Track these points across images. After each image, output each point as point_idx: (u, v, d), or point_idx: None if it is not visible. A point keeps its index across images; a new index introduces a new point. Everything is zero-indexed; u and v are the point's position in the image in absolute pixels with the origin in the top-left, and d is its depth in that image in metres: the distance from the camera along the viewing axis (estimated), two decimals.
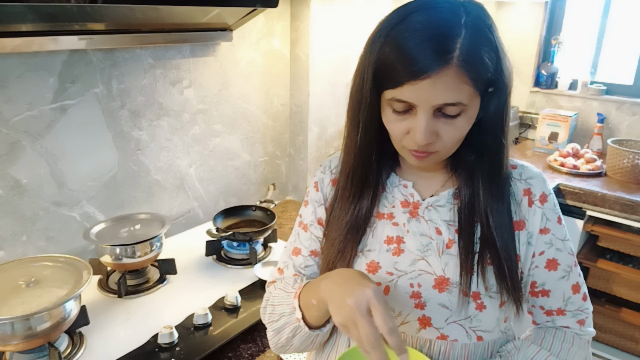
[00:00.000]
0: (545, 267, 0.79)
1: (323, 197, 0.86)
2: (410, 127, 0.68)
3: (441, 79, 0.62)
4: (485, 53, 0.64)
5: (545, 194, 0.78)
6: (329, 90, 1.94)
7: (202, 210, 1.73)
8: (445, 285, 0.75)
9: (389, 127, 0.71)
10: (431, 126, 0.66)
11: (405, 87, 0.64)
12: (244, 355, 1.07)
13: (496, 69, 0.66)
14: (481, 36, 0.64)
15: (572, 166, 2.24)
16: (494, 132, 0.72)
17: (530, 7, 2.72)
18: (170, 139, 1.56)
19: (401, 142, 0.71)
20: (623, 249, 2.06)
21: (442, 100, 0.64)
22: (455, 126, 0.67)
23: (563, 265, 0.79)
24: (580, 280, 0.81)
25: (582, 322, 0.81)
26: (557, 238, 0.78)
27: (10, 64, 1.15)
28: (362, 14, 1.94)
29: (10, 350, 0.98)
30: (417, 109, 0.66)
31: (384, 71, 0.66)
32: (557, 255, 0.78)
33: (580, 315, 0.81)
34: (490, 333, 0.77)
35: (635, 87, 2.54)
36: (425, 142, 0.67)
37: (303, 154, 1.96)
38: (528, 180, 0.79)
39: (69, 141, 1.30)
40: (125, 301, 1.23)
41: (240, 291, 1.25)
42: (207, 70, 1.60)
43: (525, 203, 0.78)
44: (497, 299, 0.75)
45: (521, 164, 0.81)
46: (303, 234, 0.88)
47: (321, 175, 0.88)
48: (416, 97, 0.64)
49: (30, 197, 1.26)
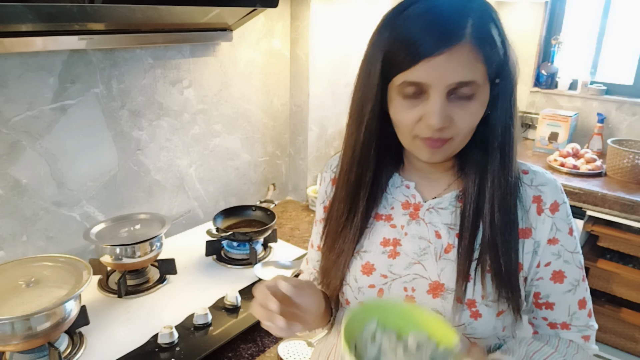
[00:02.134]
0: (550, 279, 0.75)
1: (325, 195, 0.88)
2: (423, 113, 0.66)
3: (455, 55, 0.62)
4: (495, 34, 0.65)
5: (557, 202, 0.74)
6: (329, 90, 1.94)
7: (202, 210, 1.73)
8: (439, 290, 0.73)
9: (399, 116, 0.69)
10: (445, 109, 0.65)
11: (419, 67, 0.63)
12: (244, 355, 1.07)
13: (504, 54, 0.67)
14: (489, 19, 0.66)
15: (572, 166, 2.24)
16: (503, 129, 0.70)
17: (530, 7, 2.72)
18: (170, 139, 1.56)
19: (412, 132, 0.68)
20: (623, 249, 2.05)
21: (457, 78, 0.63)
22: (469, 110, 0.66)
23: (570, 279, 0.75)
24: (587, 295, 0.78)
25: (587, 338, 0.78)
26: (566, 250, 0.75)
27: (10, 64, 1.15)
28: (362, 14, 1.94)
29: (10, 350, 0.98)
30: (430, 91, 0.64)
31: (396, 53, 0.65)
32: (565, 267, 0.75)
33: (585, 332, 0.78)
34: (486, 340, 0.76)
35: (635, 87, 2.54)
36: (440, 125, 0.64)
37: (303, 154, 1.96)
38: (539, 187, 0.75)
39: (69, 141, 1.30)
40: (125, 301, 1.23)
41: (240, 291, 1.25)
42: (207, 70, 1.60)
43: (533, 210, 0.74)
44: (495, 308, 0.72)
45: (534, 170, 0.77)
46: (314, 229, 0.92)
47: (324, 174, 0.89)
48: (430, 77, 0.63)
49: (30, 197, 1.26)
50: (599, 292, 2.18)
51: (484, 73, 0.65)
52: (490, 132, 0.71)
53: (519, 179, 0.75)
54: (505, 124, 0.70)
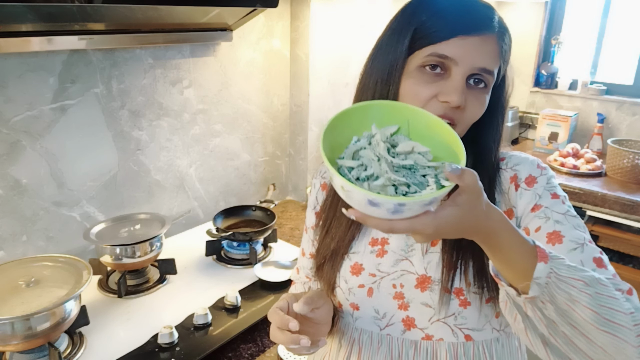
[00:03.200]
0: (548, 243, 0.68)
1: (316, 201, 0.90)
2: (440, 91, 0.67)
3: (486, 43, 0.67)
4: (508, 37, 0.70)
5: (533, 175, 0.74)
6: (329, 90, 1.94)
7: (202, 210, 1.73)
8: (427, 283, 0.74)
9: (415, 89, 0.68)
10: (464, 91, 0.67)
11: (453, 41, 0.65)
12: (243, 355, 1.07)
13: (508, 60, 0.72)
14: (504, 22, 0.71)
15: (572, 166, 2.24)
16: (494, 129, 0.74)
17: (530, 7, 2.73)
18: (170, 139, 1.56)
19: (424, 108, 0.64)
20: (623, 249, 2.05)
21: (483, 63, 0.66)
22: (480, 100, 0.69)
23: (569, 237, 0.67)
24: (604, 258, 0.67)
25: (629, 292, 0.63)
26: (554, 211, 0.70)
27: (10, 64, 1.15)
28: (362, 14, 1.94)
29: (10, 350, 0.98)
30: (453, 69, 0.66)
31: (432, 26, 0.67)
32: (558, 227, 0.68)
33: (620, 285, 0.63)
34: (481, 332, 0.74)
35: (635, 87, 2.54)
36: (458, 102, 0.66)
37: (303, 154, 1.96)
38: (514, 167, 0.76)
39: (69, 141, 1.30)
40: (125, 301, 1.23)
41: (240, 291, 1.25)
42: (207, 70, 1.60)
43: (512, 190, 0.74)
44: (482, 295, 0.72)
45: (510, 154, 0.78)
46: (305, 236, 0.93)
47: (314, 180, 0.92)
48: (461, 53, 0.65)
49: (30, 197, 1.26)
50: None
51: (497, 69, 0.69)
52: (482, 130, 0.74)
53: (497, 166, 0.77)
54: (496, 125, 0.75)
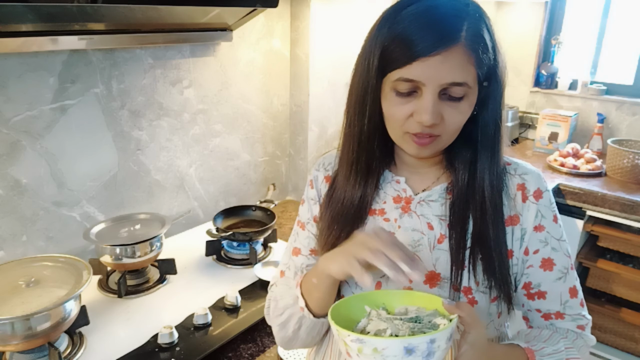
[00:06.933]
0: (540, 267, 0.77)
1: (317, 194, 0.87)
2: (415, 110, 0.68)
3: (450, 57, 0.65)
4: (487, 40, 0.68)
5: (540, 190, 0.77)
6: (329, 90, 1.94)
7: (202, 210, 1.73)
8: (436, 280, 0.75)
9: (391, 110, 0.71)
10: (437, 107, 0.67)
11: (415, 65, 0.65)
12: (244, 355, 1.07)
13: (494, 59, 0.70)
14: (483, 24, 0.68)
15: (572, 166, 2.24)
16: (492, 128, 0.74)
17: (530, 7, 2.72)
18: (170, 139, 1.56)
19: (402, 128, 0.71)
20: (623, 249, 2.05)
21: (450, 78, 0.65)
22: (459, 110, 0.69)
23: (559, 266, 0.77)
24: (577, 285, 0.79)
25: (582, 327, 0.78)
26: (553, 237, 0.77)
27: (10, 64, 1.15)
28: (362, 14, 1.94)
29: (10, 350, 0.98)
30: (423, 89, 0.67)
31: (393, 50, 0.67)
32: (553, 255, 0.77)
33: (580, 321, 0.78)
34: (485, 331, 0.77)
35: (635, 87, 2.54)
36: (431, 122, 0.67)
37: (303, 154, 1.96)
38: (523, 175, 0.78)
39: (69, 141, 1.30)
40: (125, 301, 1.23)
41: (240, 291, 1.25)
42: (207, 70, 1.60)
43: (519, 198, 0.77)
44: (489, 294, 0.75)
45: (516, 161, 0.80)
46: (302, 233, 0.88)
47: (315, 172, 0.88)
48: (425, 75, 0.65)
49: (30, 197, 1.26)
50: (599, 292, 2.18)
51: (474, 76, 0.68)
52: (480, 130, 0.74)
53: (504, 169, 0.78)
54: (494, 123, 0.74)
